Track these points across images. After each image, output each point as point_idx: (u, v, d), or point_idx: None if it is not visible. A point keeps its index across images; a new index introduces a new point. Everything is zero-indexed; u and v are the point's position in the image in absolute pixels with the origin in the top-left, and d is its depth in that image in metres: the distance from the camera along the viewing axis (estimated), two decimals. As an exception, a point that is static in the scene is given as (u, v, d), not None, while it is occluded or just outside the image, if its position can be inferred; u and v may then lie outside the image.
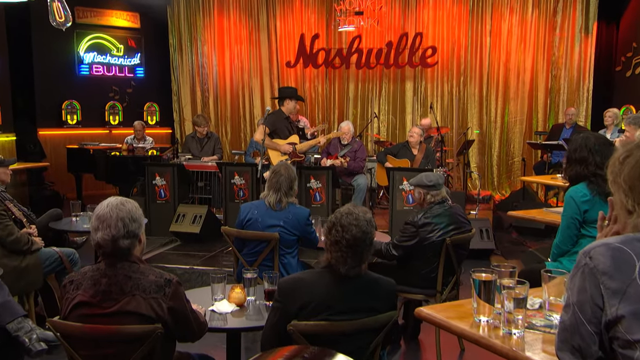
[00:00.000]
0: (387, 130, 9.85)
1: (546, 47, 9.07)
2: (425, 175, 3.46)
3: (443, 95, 9.57)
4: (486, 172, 9.44)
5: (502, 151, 9.41)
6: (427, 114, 9.36)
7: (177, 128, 10.59)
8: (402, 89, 9.74)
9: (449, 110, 9.55)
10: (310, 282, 2.07)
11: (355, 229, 2.02)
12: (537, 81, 9.14)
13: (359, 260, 2.04)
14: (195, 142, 7.44)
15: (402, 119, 9.80)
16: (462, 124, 9.41)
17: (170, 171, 6.36)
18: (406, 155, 7.03)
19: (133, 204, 2.04)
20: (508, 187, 9.33)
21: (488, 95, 9.38)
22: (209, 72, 10.41)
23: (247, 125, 10.38)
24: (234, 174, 6.23)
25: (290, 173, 3.46)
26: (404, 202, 5.94)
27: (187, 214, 6.05)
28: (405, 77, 9.70)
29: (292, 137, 5.92)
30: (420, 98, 9.63)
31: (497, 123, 9.38)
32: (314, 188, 6.17)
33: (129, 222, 1.98)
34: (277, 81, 10.12)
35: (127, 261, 2.00)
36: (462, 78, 9.44)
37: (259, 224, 3.37)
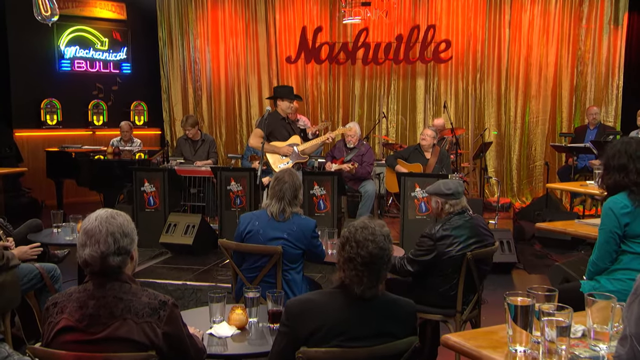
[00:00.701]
0: (397, 131, 9.83)
1: (571, 40, 9.05)
2: (443, 183, 3.42)
3: (458, 93, 9.55)
4: (505, 177, 9.40)
5: (522, 154, 9.38)
6: (441, 113, 9.34)
7: (167, 129, 10.58)
8: (412, 87, 9.72)
9: (464, 110, 9.52)
10: (321, 304, 2.04)
11: (372, 245, 1.98)
12: (561, 78, 9.12)
13: (376, 280, 2.01)
14: (188, 145, 7.44)
15: (413, 119, 9.78)
16: (479, 124, 9.38)
17: (160, 177, 6.35)
18: (418, 159, 7.01)
19: (124, 217, 2.01)
20: (529, 194, 9.30)
21: (507, 93, 9.35)
22: (202, 68, 10.40)
23: (244, 126, 10.36)
24: (230, 179, 6.22)
25: (294, 180, 3.43)
26: (416, 211, 5.93)
27: (178, 224, 6.04)
28: (416, 74, 9.68)
29: (293, 137, 5.90)
30: (432, 96, 9.60)
31: (517, 123, 9.35)
32: (318, 195, 6.17)
33: (120, 237, 1.94)
34: (277, 78, 10.11)
35: (118, 281, 1.96)
36: (478, 74, 9.42)
37: (260, 237, 3.34)
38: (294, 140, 5.89)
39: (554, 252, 6.08)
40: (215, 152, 7.55)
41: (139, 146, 8.27)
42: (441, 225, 3.32)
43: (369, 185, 6.86)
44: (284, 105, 5.84)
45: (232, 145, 10.40)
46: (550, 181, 7.90)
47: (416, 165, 6.97)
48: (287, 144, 5.84)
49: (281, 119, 5.88)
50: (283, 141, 5.85)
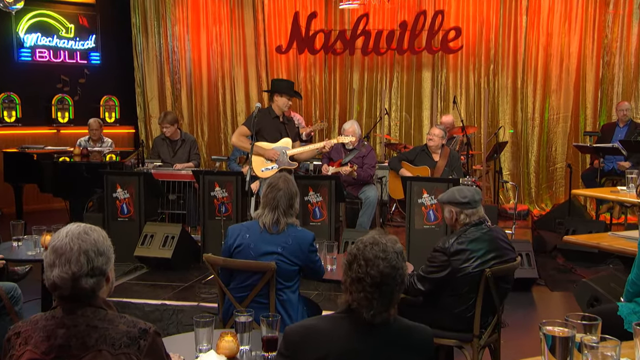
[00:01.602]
0: (400, 130, 9.83)
1: (596, 28, 9.08)
2: (458, 190, 3.41)
3: (469, 87, 9.57)
4: (522, 181, 9.42)
5: (541, 156, 9.40)
6: (450, 110, 9.34)
7: (141, 127, 10.54)
8: (418, 80, 9.73)
9: (476, 106, 9.54)
10: (325, 331, 2.01)
11: (383, 264, 1.96)
12: (584, 69, 9.15)
13: (388, 304, 1.99)
14: (166, 145, 7.41)
15: (419, 117, 9.78)
16: (493, 122, 9.39)
17: (135, 181, 6.34)
18: (425, 161, 7.02)
19: (99, 232, 1.98)
20: (549, 200, 9.32)
21: (524, 86, 9.38)
22: (181, 59, 10.37)
23: (229, 124, 10.34)
24: (215, 184, 6.21)
25: (290, 187, 3.42)
26: (424, 220, 5.93)
27: (155, 235, 6.04)
28: (422, 65, 9.68)
29: (283, 140, 5.89)
30: (440, 91, 9.61)
31: (535, 121, 9.38)
32: (313, 202, 6.19)
33: (95, 256, 1.91)
34: (265, 70, 10.11)
35: (91, 306, 1.93)
36: (492, 66, 9.44)
37: (251, 251, 3.32)
38: (284, 143, 5.88)
39: (579, 266, 6.07)
40: (197, 153, 7.53)
41: (110, 147, 8.23)
42: (456, 238, 3.30)
43: (370, 190, 6.85)
44: (281, 102, 5.83)
45: (216, 145, 10.37)
46: (573, 185, 7.90)
47: (423, 168, 6.96)
48: (275, 146, 5.82)
49: (274, 118, 5.85)
50: (272, 142, 5.83)
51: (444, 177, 6.53)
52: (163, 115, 7.37)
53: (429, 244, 5.78)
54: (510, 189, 9.24)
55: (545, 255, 6.64)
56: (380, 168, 7.75)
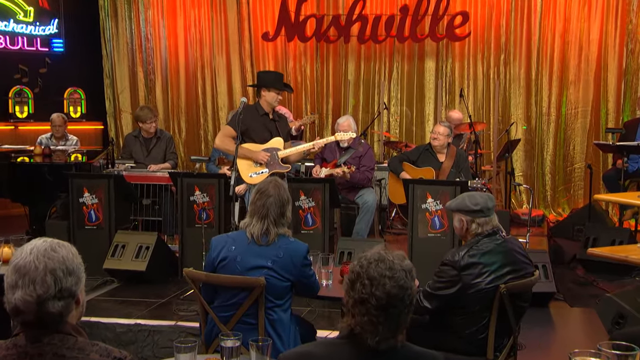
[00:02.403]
0: (401, 126, 9.86)
1: (619, 12, 9.12)
2: (469, 197, 3.41)
3: (477, 78, 9.60)
4: (536, 183, 9.46)
5: (558, 155, 9.45)
6: (456, 104, 9.36)
7: (111, 123, 10.52)
8: (420, 70, 9.75)
9: (486, 99, 9.57)
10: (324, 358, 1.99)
11: (390, 283, 1.96)
12: (606, 59, 9.20)
13: (395, 328, 1.98)
14: (140, 144, 7.39)
15: (421, 111, 9.81)
16: (504, 117, 9.43)
17: (104, 184, 6.33)
18: (429, 162, 7.04)
19: (68, 249, 1.97)
20: (566, 204, 9.37)
21: (539, 78, 9.42)
22: (156, 47, 10.35)
23: (209, 119, 10.34)
24: (194, 188, 6.22)
25: (281, 194, 3.42)
26: (429, 227, 5.93)
27: (128, 245, 6.04)
28: (425, 54, 9.71)
29: (274, 140, 5.87)
30: (445, 82, 9.64)
31: (550, 116, 9.42)
32: (305, 208, 6.20)
33: (63, 276, 1.89)
34: (250, 59, 10.12)
35: (59, 333, 1.91)
36: (502, 55, 9.47)
37: (238, 265, 3.32)
38: (275, 143, 5.87)
39: (602, 279, 6.08)
40: (174, 152, 7.53)
41: (75, 145, 8.20)
42: (467, 250, 3.30)
43: (368, 194, 6.85)
44: (269, 97, 5.82)
45: (194, 144, 10.36)
46: (594, 188, 7.91)
47: (427, 169, 6.98)
48: (265, 147, 5.80)
49: (262, 115, 5.85)
50: (261, 143, 5.81)
51: (451, 180, 6.54)
52: (148, 109, 7.32)
53: (434, 254, 5.86)
54: (524, 192, 9.27)
55: (564, 266, 6.66)
56: (379, 169, 7.77)
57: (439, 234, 5.91)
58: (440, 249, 5.85)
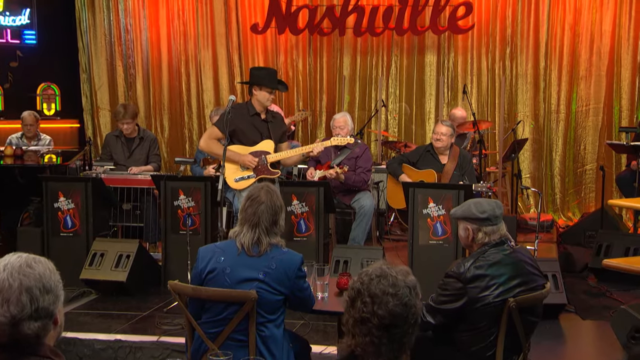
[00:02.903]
0: (400, 125, 9.88)
1: (634, 1, 9.12)
2: (475, 204, 3.41)
3: (481, 73, 9.62)
4: (545, 185, 9.49)
5: (568, 155, 9.48)
6: (459, 101, 9.37)
7: (87, 121, 10.49)
8: (420, 65, 9.77)
9: (490, 96, 9.60)
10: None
11: (393, 302, 1.96)
12: (619, 52, 9.23)
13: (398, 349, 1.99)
14: (121, 144, 7.38)
15: (421, 109, 9.83)
16: (510, 115, 9.46)
17: (82, 188, 6.34)
18: (431, 164, 7.07)
19: (45, 265, 1.96)
20: (577, 208, 9.39)
21: (547, 73, 9.45)
22: (136, 39, 10.32)
23: (194, 118, 10.33)
24: (179, 192, 6.24)
25: (274, 200, 3.42)
26: (430, 234, 5.97)
27: (107, 253, 6.05)
28: (425, 48, 9.72)
29: (264, 143, 5.88)
30: (448, 78, 9.66)
31: (560, 114, 9.44)
32: (298, 213, 6.22)
33: (40, 294, 1.89)
34: (238, 53, 10.11)
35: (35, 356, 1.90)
36: (508, 49, 9.50)
37: (227, 278, 3.32)
38: (264, 146, 5.88)
39: (616, 289, 6.09)
40: (158, 154, 7.53)
41: (49, 145, 8.18)
42: (473, 261, 3.30)
43: (365, 198, 6.86)
44: (261, 96, 5.83)
45: (178, 144, 10.35)
46: (606, 191, 7.93)
47: (428, 172, 7.00)
48: (253, 150, 5.80)
49: (252, 115, 5.84)
50: (250, 146, 5.80)
51: (454, 183, 6.54)
52: (122, 109, 7.29)
53: (436, 263, 5.88)
54: (532, 195, 9.29)
55: (575, 275, 6.67)
56: (377, 171, 7.78)
57: (441, 241, 5.93)
58: (442, 258, 5.88)
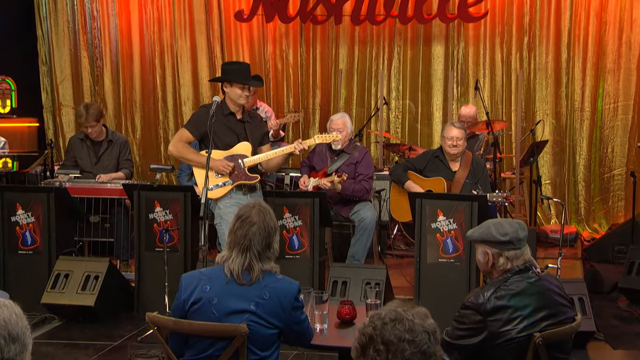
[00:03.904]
0: (403, 124, 9.89)
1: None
2: (496, 225, 3.39)
3: (495, 66, 9.63)
4: (567, 193, 9.50)
5: (593, 159, 9.50)
6: (470, 98, 9.35)
7: (48, 120, 10.44)
8: (427, 57, 9.78)
9: (506, 92, 9.62)
10: None
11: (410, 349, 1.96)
12: (651, 42, 9.25)
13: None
14: (87, 148, 7.34)
15: (428, 106, 9.85)
16: (528, 114, 9.46)
17: (43, 199, 6.34)
18: (440, 171, 7.05)
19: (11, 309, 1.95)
20: (604, 219, 9.41)
21: (569, 66, 9.46)
22: (104, 27, 10.28)
23: (170, 116, 10.32)
24: (154, 203, 6.26)
25: (267, 221, 3.41)
26: (440, 251, 5.99)
27: (72, 274, 6.05)
28: (432, 38, 9.74)
29: (239, 146, 5.88)
30: (457, 72, 9.67)
31: (584, 112, 9.46)
32: (290, 228, 6.26)
33: (5, 343, 1.88)
34: (220, 43, 10.09)
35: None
36: (526, 38, 9.50)
37: (214, 310, 3.31)
38: (240, 149, 5.88)
39: (650, 313, 6.12)
40: (130, 159, 7.49)
41: (4, 148, 8.09)
42: (493, 290, 3.29)
43: (365, 210, 6.87)
44: (233, 93, 5.82)
45: (152, 146, 10.33)
46: (638, 200, 7.92)
47: (437, 180, 6.97)
48: (227, 154, 5.81)
49: (226, 115, 5.83)
50: (224, 150, 5.82)
51: (466, 194, 6.53)
52: (84, 109, 7.21)
53: (446, 284, 5.90)
54: (553, 204, 9.27)
55: (602, 296, 6.67)
56: (378, 178, 7.78)
57: (452, 259, 5.95)
58: (454, 278, 5.91)
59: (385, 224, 7.87)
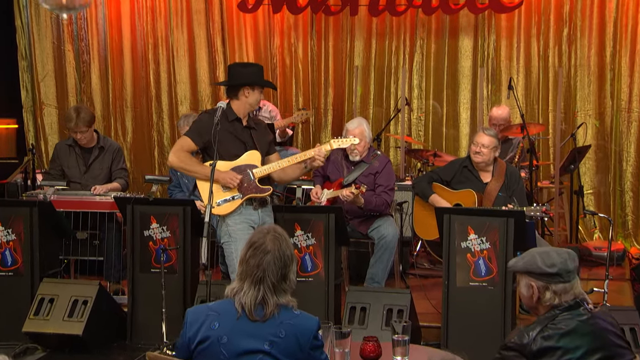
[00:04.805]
0: (427, 127, 9.89)
1: None
2: (542, 254, 3.38)
3: (530, 62, 9.60)
4: (613, 204, 9.45)
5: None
6: (502, 98, 9.32)
7: (29, 122, 10.44)
8: (453, 51, 9.77)
9: (542, 91, 9.58)
10: None
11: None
12: None
13: None
14: (75, 156, 7.36)
15: (454, 107, 9.83)
16: (567, 115, 9.43)
17: (25, 214, 6.35)
18: (469, 182, 7.04)
19: None
20: (657, 234, 9.37)
21: (615, 60, 9.43)
22: (91, 17, 10.28)
23: (165, 117, 10.33)
24: (150, 219, 6.27)
25: (282, 249, 3.39)
26: (471, 274, 5.96)
27: (58, 298, 6.06)
28: (459, 30, 9.72)
29: (248, 155, 5.86)
30: (488, 68, 9.66)
31: (632, 113, 9.40)
32: (302, 247, 6.24)
33: None
34: (222, 36, 10.10)
35: None
36: (565, 30, 9.47)
37: (224, 349, 3.30)
38: (249, 159, 5.87)
39: None
40: (124, 167, 7.51)
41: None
42: (540, 329, 3.27)
43: (386, 226, 6.86)
44: (254, 97, 5.85)
45: (144, 151, 10.34)
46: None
47: (466, 193, 6.95)
48: (234, 165, 5.80)
49: (232, 121, 5.82)
50: (231, 160, 5.82)
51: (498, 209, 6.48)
52: (74, 113, 7.19)
53: (478, 311, 5.87)
54: (599, 221, 9.21)
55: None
56: (400, 188, 7.73)
57: (485, 282, 5.93)
58: (487, 304, 5.88)
59: (408, 240, 7.85)
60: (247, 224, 5.69)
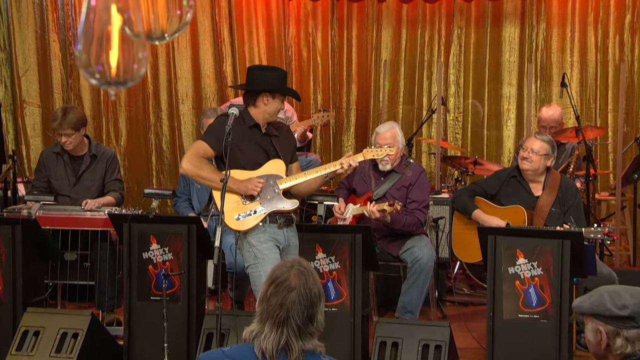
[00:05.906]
0: (465, 130, 9.94)
1: None
2: (611, 294, 3.34)
3: (586, 56, 9.62)
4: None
5: None
6: (552, 96, 9.30)
7: (8, 123, 10.48)
8: (496, 43, 9.81)
9: (600, 88, 9.59)
10: None
11: None
12: None
13: None
14: (63, 165, 7.38)
15: (497, 106, 9.86)
16: (630, 116, 9.43)
17: (7, 234, 6.37)
18: (518, 196, 6.99)
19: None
20: None
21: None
22: (79, 2, 10.29)
23: (164, 118, 10.38)
24: (150, 239, 6.25)
25: (309, 286, 3.36)
26: (520, 304, 5.92)
27: (44, 331, 6.05)
28: (503, 17, 9.77)
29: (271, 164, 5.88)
30: (537, 62, 9.68)
31: None
32: (324, 272, 6.21)
33: None
34: (229, 24, 10.16)
35: None
36: (628, 17, 9.49)
37: (243, 402, 3.30)
38: (272, 168, 5.88)
39: None
40: (119, 179, 7.53)
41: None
42: (610, 383, 3.25)
43: (421, 246, 6.83)
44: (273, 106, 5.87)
45: (140, 156, 10.38)
46: None
47: (515, 209, 6.91)
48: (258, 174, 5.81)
49: (250, 127, 5.84)
50: (252, 169, 5.83)
51: (551, 229, 6.46)
52: (60, 112, 7.21)
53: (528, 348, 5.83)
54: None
55: None
56: (435, 202, 7.73)
57: (536, 314, 5.90)
58: (539, 338, 5.85)
59: (444, 261, 7.83)
60: (273, 242, 5.68)
